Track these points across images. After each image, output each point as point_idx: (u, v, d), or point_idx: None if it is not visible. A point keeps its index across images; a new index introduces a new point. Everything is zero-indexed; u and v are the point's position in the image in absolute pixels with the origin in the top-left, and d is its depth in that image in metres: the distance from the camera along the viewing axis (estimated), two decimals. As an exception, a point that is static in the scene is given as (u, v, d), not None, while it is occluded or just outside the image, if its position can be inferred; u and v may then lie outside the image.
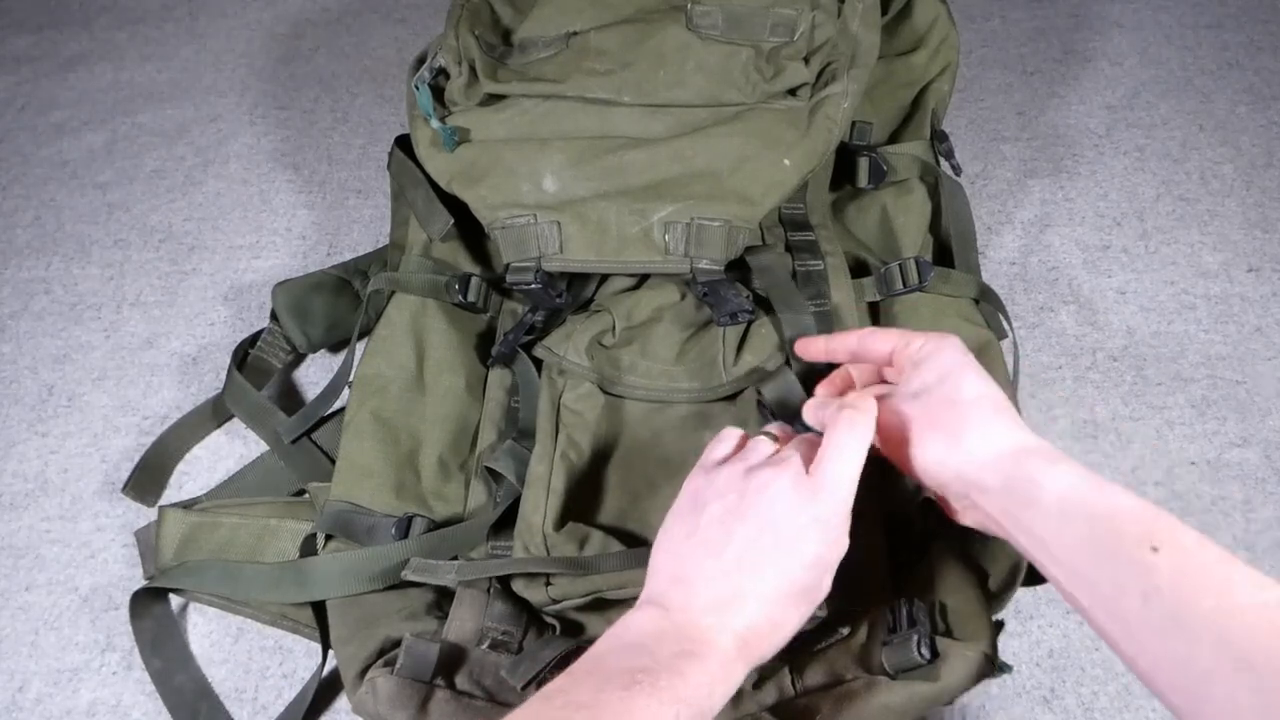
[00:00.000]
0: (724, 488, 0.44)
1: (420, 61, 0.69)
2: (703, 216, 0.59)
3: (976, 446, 0.42)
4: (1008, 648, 0.60)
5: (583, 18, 0.66)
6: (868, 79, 0.65)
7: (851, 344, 0.52)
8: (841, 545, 0.43)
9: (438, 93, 0.66)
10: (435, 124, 0.63)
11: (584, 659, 0.41)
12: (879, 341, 0.49)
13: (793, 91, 0.63)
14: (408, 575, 0.54)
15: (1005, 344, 0.68)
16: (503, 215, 0.61)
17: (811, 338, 0.56)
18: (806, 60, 0.63)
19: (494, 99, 0.65)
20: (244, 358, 0.74)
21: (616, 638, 0.42)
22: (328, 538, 0.58)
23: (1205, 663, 0.33)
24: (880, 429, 0.46)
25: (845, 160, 0.72)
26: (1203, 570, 0.35)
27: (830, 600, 0.53)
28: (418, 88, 0.64)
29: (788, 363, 0.59)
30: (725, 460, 0.47)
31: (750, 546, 0.42)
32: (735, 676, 0.40)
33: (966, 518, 0.47)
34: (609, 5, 0.66)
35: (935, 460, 0.43)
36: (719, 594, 0.41)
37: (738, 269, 0.63)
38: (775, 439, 0.48)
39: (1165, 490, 0.67)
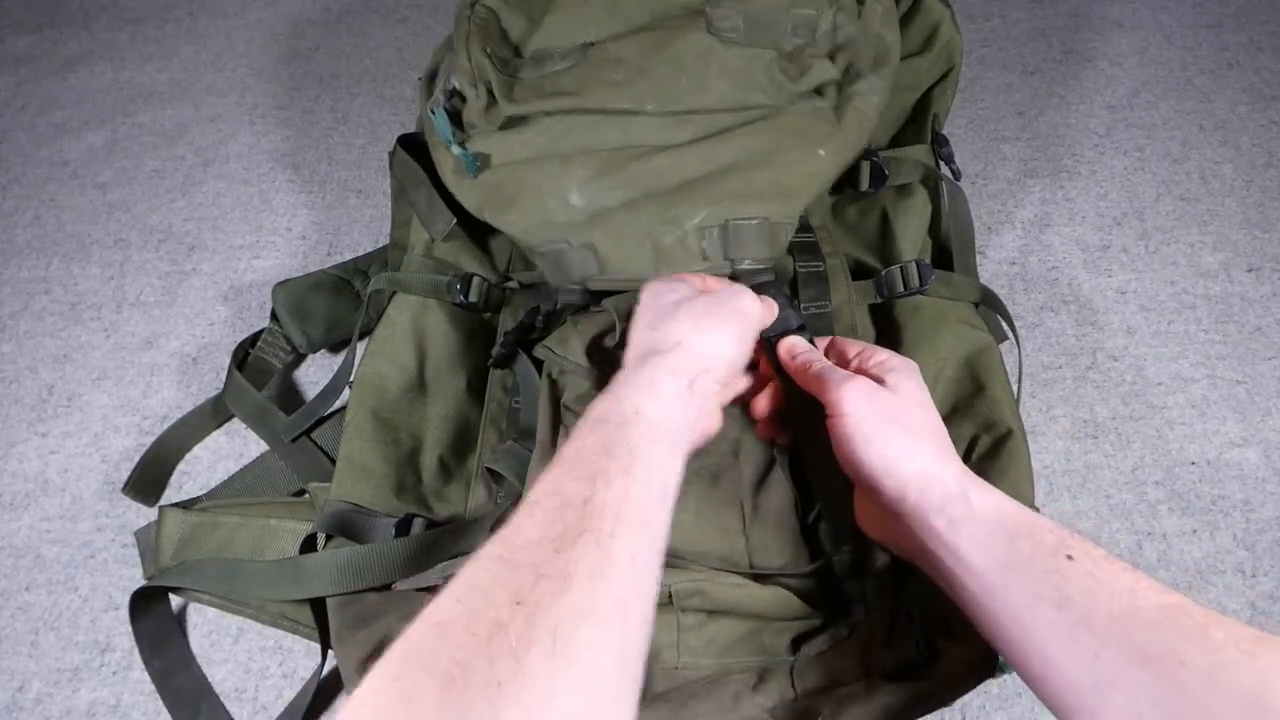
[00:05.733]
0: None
1: (431, 77, 0.67)
2: (738, 217, 0.58)
3: (928, 455, 0.45)
4: (1008, 648, 0.60)
5: (596, 27, 0.64)
6: (894, 78, 0.64)
7: (823, 347, 0.54)
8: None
9: (454, 115, 0.64)
10: (456, 150, 0.61)
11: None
12: (847, 347, 0.53)
13: (819, 91, 0.62)
14: (398, 588, 0.54)
15: (1005, 345, 0.68)
16: (538, 244, 0.60)
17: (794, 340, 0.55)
18: (831, 58, 0.63)
19: (513, 120, 0.62)
20: (244, 358, 0.74)
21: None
22: (327, 537, 0.58)
23: (1109, 663, 0.34)
24: (835, 410, 0.47)
25: (847, 163, 0.72)
26: (1112, 576, 0.37)
27: (830, 601, 0.53)
28: (433, 112, 0.62)
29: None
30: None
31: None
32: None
33: (870, 522, 0.49)
34: (623, 13, 0.64)
35: (882, 454, 0.45)
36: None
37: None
38: None
39: (1165, 490, 0.67)
